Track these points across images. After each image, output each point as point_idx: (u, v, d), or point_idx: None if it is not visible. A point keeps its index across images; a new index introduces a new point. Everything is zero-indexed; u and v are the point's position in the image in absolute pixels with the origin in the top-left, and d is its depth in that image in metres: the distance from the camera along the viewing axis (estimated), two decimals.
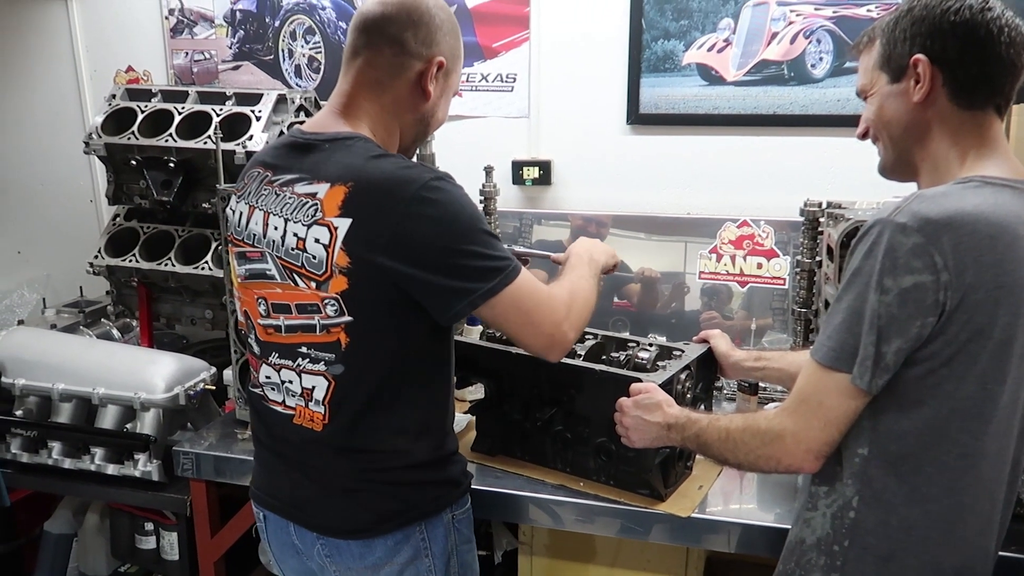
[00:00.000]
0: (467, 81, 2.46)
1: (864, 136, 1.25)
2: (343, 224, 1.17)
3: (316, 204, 1.20)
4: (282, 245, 1.24)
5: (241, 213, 1.32)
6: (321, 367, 1.26)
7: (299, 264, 1.22)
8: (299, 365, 1.28)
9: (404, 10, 1.26)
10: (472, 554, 1.44)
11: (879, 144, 1.23)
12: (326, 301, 1.21)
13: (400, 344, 1.26)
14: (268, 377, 1.34)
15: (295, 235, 1.22)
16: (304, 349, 1.26)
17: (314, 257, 1.20)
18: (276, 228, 1.25)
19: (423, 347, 1.30)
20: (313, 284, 1.22)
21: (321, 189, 1.20)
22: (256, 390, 1.39)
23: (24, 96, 2.92)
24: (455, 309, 1.22)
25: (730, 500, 1.65)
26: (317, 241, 1.19)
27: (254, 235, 1.29)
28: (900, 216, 1.03)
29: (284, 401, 1.33)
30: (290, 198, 1.24)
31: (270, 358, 1.32)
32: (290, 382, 1.30)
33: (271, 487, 1.40)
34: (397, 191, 1.17)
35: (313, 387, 1.27)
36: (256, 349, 1.36)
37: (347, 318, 1.21)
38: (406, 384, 1.30)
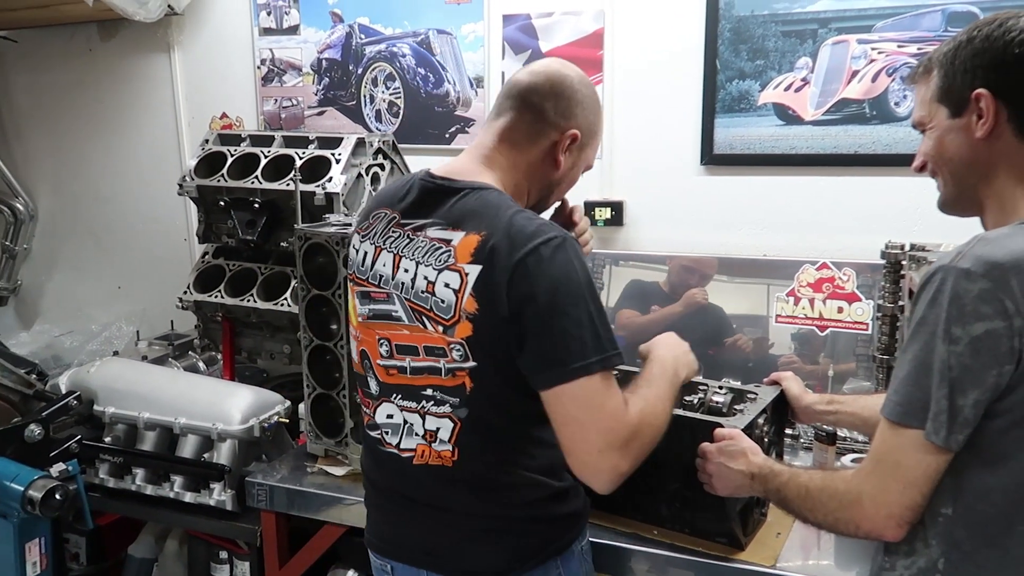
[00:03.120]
0: None
1: (921, 169, 1.20)
2: (473, 271, 1.20)
3: (449, 250, 1.23)
4: (412, 287, 1.26)
5: (366, 253, 1.35)
6: (447, 409, 1.26)
7: (428, 307, 1.25)
8: (423, 407, 1.28)
9: (549, 82, 1.34)
10: None
11: (938, 179, 1.18)
12: (452, 345, 1.23)
13: (522, 388, 1.26)
14: (389, 416, 1.33)
15: (425, 278, 1.25)
16: (429, 391, 1.27)
17: (443, 301, 1.22)
18: (407, 271, 1.27)
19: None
20: (440, 328, 1.23)
21: (456, 236, 1.23)
22: (374, 432, 1.38)
23: (129, 141, 3.14)
24: (547, 373, 1.19)
25: (808, 552, 1.58)
26: (447, 286, 1.22)
27: (380, 276, 1.31)
28: (963, 261, 0.98)
29: (399, 444, 1.32)
30: (422, 242, 1.27)
31: (393, 398, 1.32)
32: (412, 424, 1.31)
33: (398, 536, 1.38)
34: (523, 242, 1.19)
35: (437, 428, 1.28)
36: (375, 389, 1.36)
37: (471, 363, 1.23)
38: (531, 424, 1.29)
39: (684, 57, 2.31)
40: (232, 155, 2.40)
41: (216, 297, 2.41)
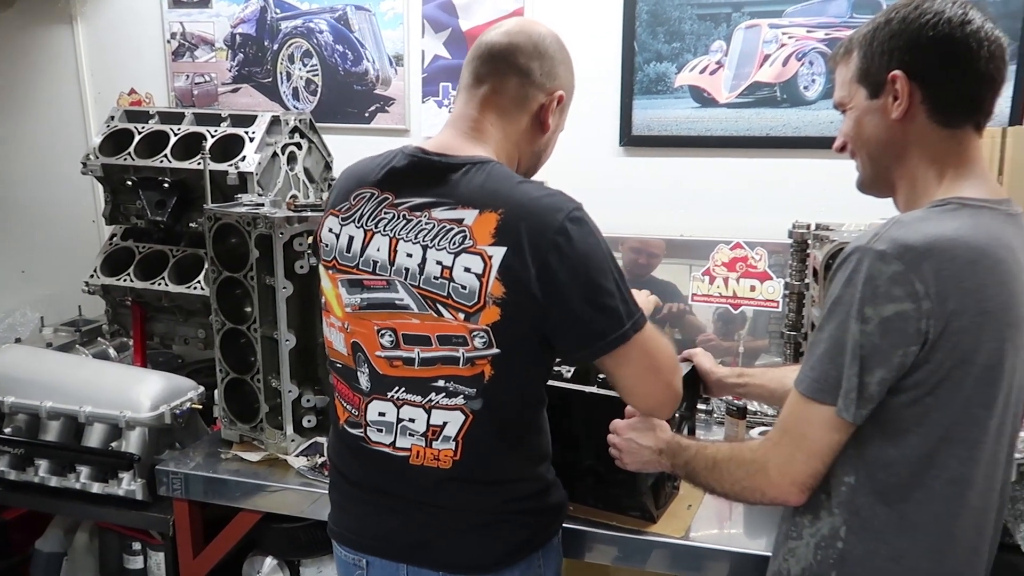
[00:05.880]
0: None
1: (842, 149, 1.22)
2: (498, 253, 1.14)
3: (464, 231, 1.16)
4: (420, 273, 1.19)
5: (351, 237, 1.25)
6: (459, 401, 1.21)
7: (444, 294, 1.18)
8: (430, 401, 1.22)
9: (531, 42, 1.28)
10: None
11: (857, 159, 1.20)
12: (474, 333, 1.17)
13: (536, 375, 1.25)
14: (382, 414, 1.26)
15: (438, 263, 1.17)
16: (441, 383, 1.21)
17: (464, 287, 1.16)
18: (410, 255, 1.20)
19: (547, 374, 1.31)
20: (461, 315, 1.17)
21: (468, 215, 1.16)
22: (354, 430, 1.30)
23: (29, 117, 2.98)
24: (589, 349, 1.19)
25: (719, 523, 1.63)
26: (468, 270, 1.15)
27: (375, 262, 1.23)
28: (879, 243, 1.00)
29: (394, 442, 1.26)
30: (427, 223, 1.19)
31: (391, 393, 1.25)
32: (411, 420, 1.24)
33: (377, 530, 1.32)
34: (546, 218, 1.14)
35: (444, 423, 1.22)
36: (366, 385, 1.27)
37: (495, 351, 1.17)
38: (535, 411, 1.30)
39: (603, 38, 2.33)
40: (140, 132, 2.31)
41: (125, 281, 2.32)
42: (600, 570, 1.72)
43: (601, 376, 1.67)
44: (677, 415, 1.60)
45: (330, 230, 1.29)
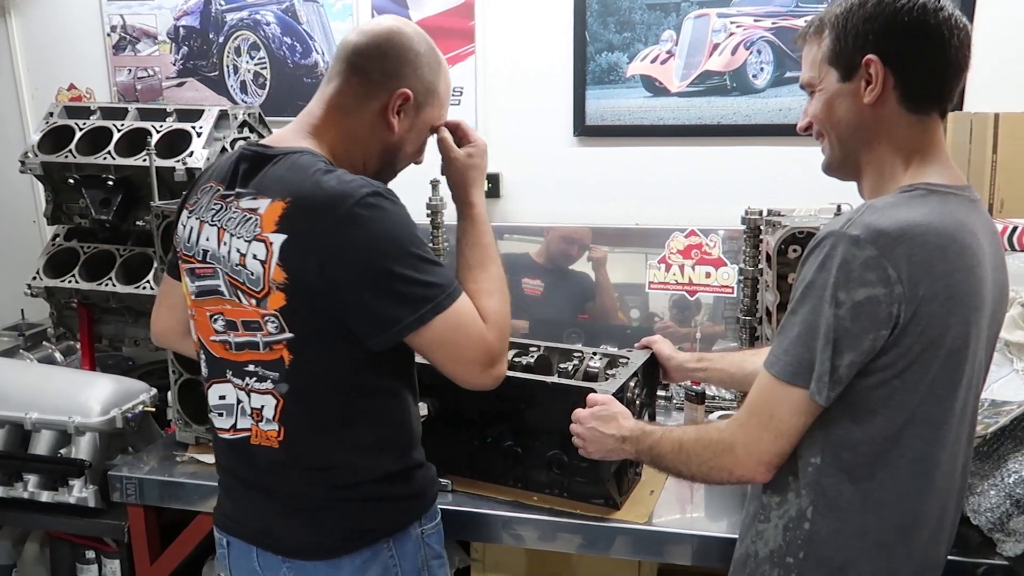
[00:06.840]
0: None
1: (806, 130, 1.21)
2: (278, 240, 1.16)
3: (256, 219, 1.19)
4: (228, 260, 1.23)
5: (192, 228, 1.30)
6: (268, 385, 1.24)
7: (241, 280, 1.22)
8: (247, 384, 1.26)
9: (376, 42, 1.28)
10: (444, 569, 1.41)
11: (824, 141, 1.19)
12: (266, 318, 1.20)
13: (349, 359, 1.23)
14: (222, 397, 1.30)
15: (238, 251, 1.21)
16: (251, 367, 1.24)
17: (252, 273, 1.19)
18: (224, 243, 1.24)
19: (376, 361, 1.26)
20: (253, 301, 1.21)
21: (263, 204, 1.19)
22: (211, 415, 1.35)
23: None
24: (381, 336, 1.19)
25: (681, 507, 1.65)
26: (255, 257, 1.19)
27: (205, 251, 1.27)
28: (853, 228, 1.01)
29: (235, 424, 1.29)
30: (235, 212, 1.23)
31: (228, 374, 1.29)
32: (241, 402, 1.28)
33: (235, 512, 1.36)
34: (332, 206, 1.15)
35: (262, 406, 1.25)
36: (205, 371, 1.33)
37: (288, 335, 1.20)
38: (362, 398, 1.27)
39: (555, 28, 2.33)
40: (81, 129, 2.23)
41: (70, 282, 2.24)
42: (565, 559, 1.73)
43: (563, 366, 1.69)
44: (638, 402, 1.62)
45: (182, 223, 1.34)
